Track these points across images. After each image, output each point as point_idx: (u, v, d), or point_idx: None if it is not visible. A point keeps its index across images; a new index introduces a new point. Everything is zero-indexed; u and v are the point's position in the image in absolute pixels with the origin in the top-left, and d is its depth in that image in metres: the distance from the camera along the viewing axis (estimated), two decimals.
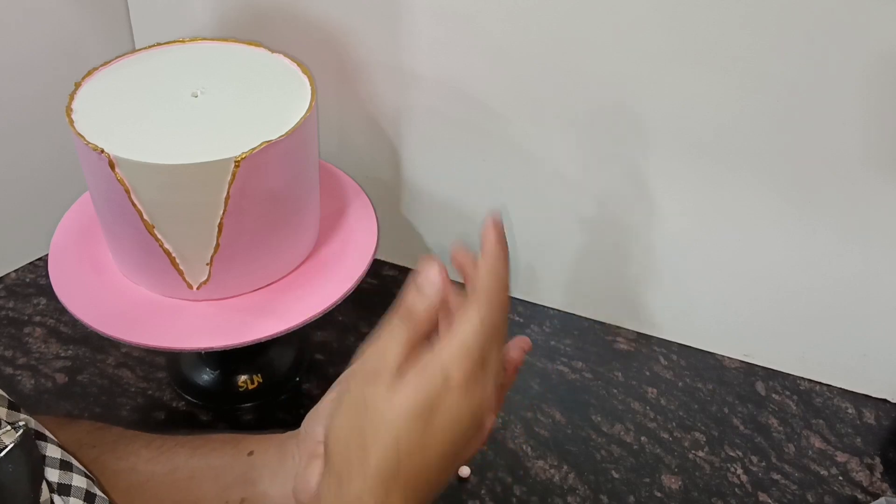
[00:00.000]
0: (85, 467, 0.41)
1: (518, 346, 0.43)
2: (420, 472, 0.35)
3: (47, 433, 0.39)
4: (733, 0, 0.55)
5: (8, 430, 0.36)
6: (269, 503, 0.45)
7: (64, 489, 0.37)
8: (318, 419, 0.46)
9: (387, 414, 0.34)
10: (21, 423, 0.37)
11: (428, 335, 0.36)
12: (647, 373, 0.74)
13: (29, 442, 0.37)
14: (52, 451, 0.38)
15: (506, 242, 0.36)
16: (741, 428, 0.69)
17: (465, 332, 0.35)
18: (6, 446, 0.35)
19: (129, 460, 0.46)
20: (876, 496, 0.64)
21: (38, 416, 0.46)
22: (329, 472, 0.37)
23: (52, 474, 0.37)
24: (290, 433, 0.48)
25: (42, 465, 0.37)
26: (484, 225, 0.36)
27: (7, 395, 0.38)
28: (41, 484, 0.36)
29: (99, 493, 0.39)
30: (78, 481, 0.38)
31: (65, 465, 0.38)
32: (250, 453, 0.46)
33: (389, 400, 0.35)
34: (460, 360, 0.34)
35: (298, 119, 0.53)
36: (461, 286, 0.38)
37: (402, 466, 0.35)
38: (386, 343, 0.36)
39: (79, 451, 0.44)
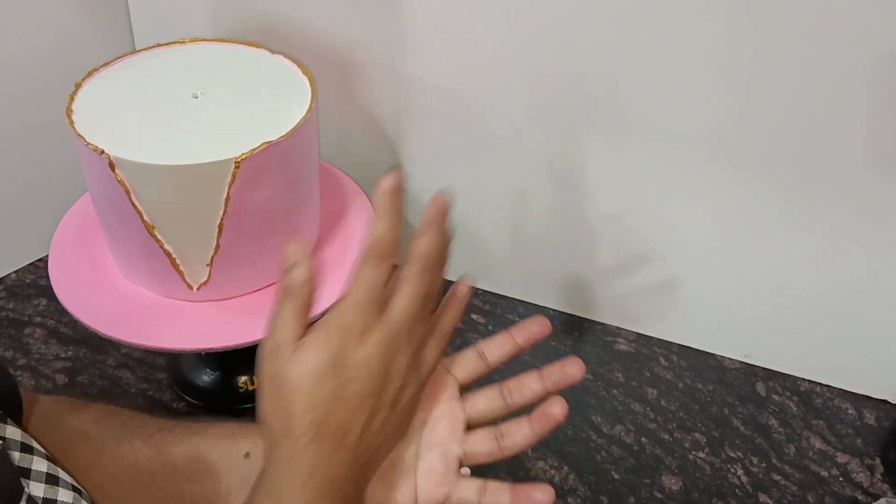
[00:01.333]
0: (86, 461, 0.42)
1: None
2: (346, 421, 0.37)
3: (34, 445, 0.39)
4: (734, 2, 0.55)
5: None
6: None
7: None
8: None
9: (297, 377, 0.37)
10: None
11: (312, 304, 0.39)
12: (648, 374, 0.74)
13: (2, 461, 0.36)
14: (39, 465, 0.38)
15: (397, 201, 0.40)
16: (741, 429, 0.69)
17: (352, 290, 0.38)
18: None
19: (129, 458, 0.46)
20: (876, 497, 0.64)
21: (52, 397, 0.46)
22: (266, 445, 0.38)
23: (37, 489, 0.37)
24: None
25: (19, 483, 0.37)
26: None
27: None
28: (18, 502, 0.36)
29: None
30: (64, 496, 0.38)
31: (51, 479, 0.38)
32: (247, 455, 0.46)
33: (296, 364, 0.37)
34: (351, 312, 0.37)
35: (298, 120, 0.53)
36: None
37: (325, 420, 0.36)
38: (277, 321, 0.39)
39: (83, 443, 0.45)
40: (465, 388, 0.46)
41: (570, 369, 0.44)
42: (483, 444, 0.44)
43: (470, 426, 0.44)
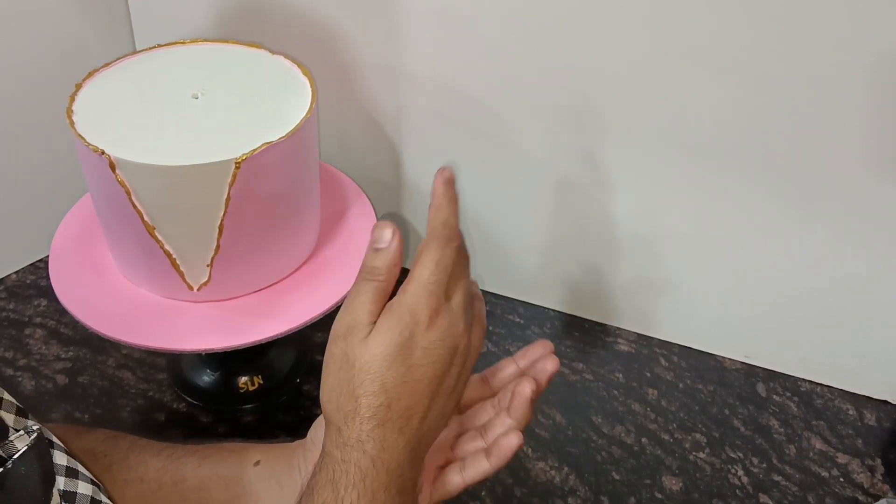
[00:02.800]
0: (96, 476, 0.42)
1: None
2: (411, 406, 0.38)
3: (54, 439, 0.39)
4: (733, 2, 0.55)
5: (21, 435, 0.36)
6: None
7: (69, 496, 0.37)
8: (322, 426, 0.46)
9: (368, 362, 0.37)
10: (35, 427, 0.37)
11: (392, 290, 0.39)
12: (648, 374, 0.73)
13: (41, 446, 0.37)
14: (59, 458, 0.38)
15: (453, 190, 0.40)
16: (742, 429, 0.69)
17: (421, 274, 0.38)
18: (19, 450, 0.36)
19: (138, 470, 0.46)
20: (877, 497, 0.64)
21: (54, 425, 0.46)
22: (329, 427, 0.39)
23: (59, 481, 0.38)
24: (297, 443, 0.48)
25: (53, 469, 0.37)
26: (435, 178, 0.40)
27: (16, 401, 0.38)
28: (52, 487, 0.37)
29: (105, 499, 0.39)
30: (83, 488, 0.38)
31: (70, 472, 0.38)
32: (257, 463, 0.46)
33: (367, 349, 0.38)
34: (421, 297, 0.38)
35: (299, 120, 0.53)
36: None
37: (393, 404, 0.37)
38: (354, 301, 0.39)
39: (92, 461, 0.44)
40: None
41: (543, 364, 0.45)
42: (469, 443, 0.45)
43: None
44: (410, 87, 0.69)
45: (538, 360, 0.46)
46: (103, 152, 0.49)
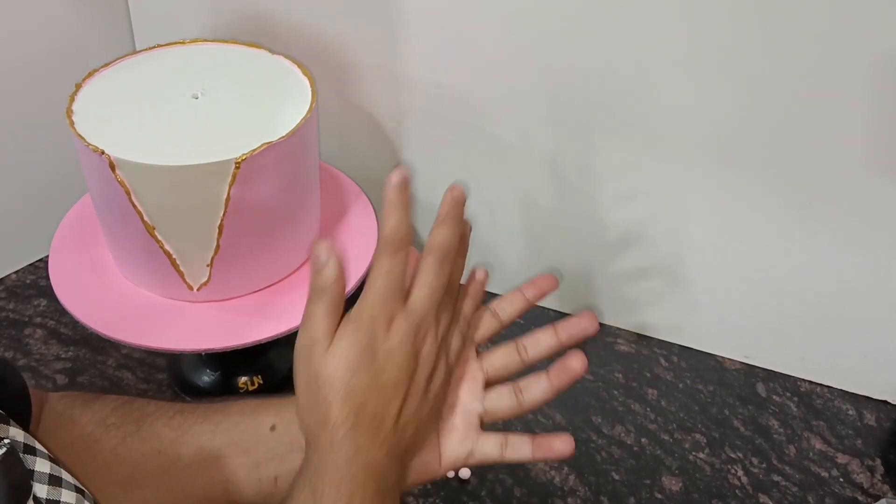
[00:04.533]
0: (111, 450, 0.42)
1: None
2: (380, 410, 0.38)
3: (37, 446, 0.39)
4: (735, 3, 0.55)
5: None
6: None
7: None
8: None
9: (333, 372, 0.38)
10: (6, 442, 0.36)
11: (343, 304, 0.40)
12: (648, 374, 0.73)
13: (11, 459, 0.36)
14: (42, 466, 0.38)
15: (405, 195, 0.40)
16: (742, 429, 0.69)
17: (374, 282, 0.39)
18: None
19: (153, 443, 0.46)
20: (877, 498, 0.64)
21: (61, 394, 0.46)
22: (306, 442, 0.40)
23: (41, 490, 0.37)
24: None
25: (28, 482, 0.37)
26: (386, 184, 0.40)
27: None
28: (27, 500, 0.36)
29: None
30: (67, 496, 0.38)
31: (54, 480, 0.38)
32: (272, 427, 0.47)
33: (330, 360, 0.38)
34: (377, 305, 0.38)
35: (299, 121, 0.53)
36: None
37: (361, 411, 0.38)
38: (308, 322, 0.39)
39: (105, 434, 0.45)
40: (481, 347, 0.47)
41: (584, 322, 0.45)
42: (503, 400, 0.45)
43: (488, 384, 0.45)
44: (410, 88, 0.69)
45: (577, 333, 0.46)
46: (103, 152, 0.49)
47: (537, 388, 0.44)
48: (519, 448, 0.44)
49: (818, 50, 0.55)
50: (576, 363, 0.44)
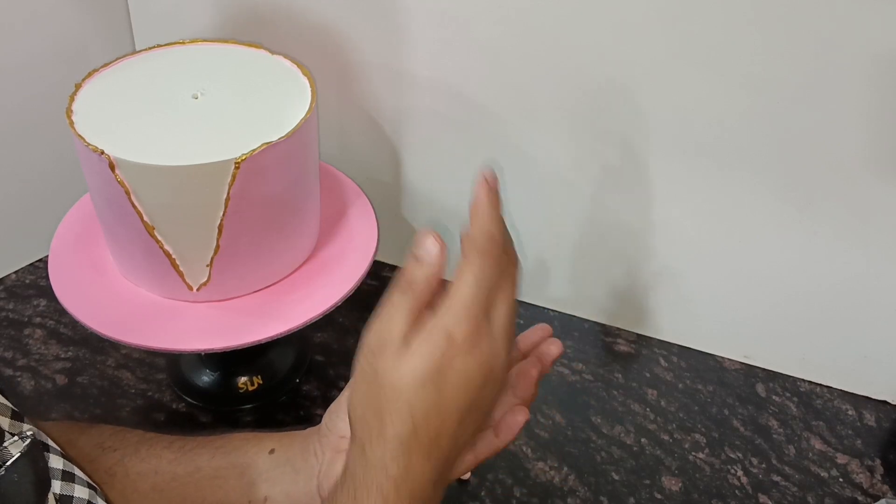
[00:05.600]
0: (107, 470, 0.41)
1: (538, 336, 0.46)
2: (439, 431, 0.36)
3: (50, 443, 0.39)
4: (733, 2, 0.55)
5: (15, 441, 0.36)
6: (292, 501, 0.46)
7: (65, 500, 0.37)
8: (339, 413, 0.46)
9: (397, 384, 0.35)
10: (29, 433, 0.37)
11: (430, 304, 0.37)
12: (648, 374, 0.74)
13: (36, 452, 0.37)
14: (55, 462, 0.38)
15: (497, 198, 0.37)
16: (741, 430, 0.69)
17: (461, 292, 0.36)
18: (13, 456, 0.35)
19: (151, 462, 0.46)
20: (876, 498, 0.64)
21: (55, 423, 0.46)
22: (354, 442, 0.38)
23: (55, 485, 0.37)
24: (311, 429, 0.48)
25: (48, 475, 0.37)
26: (476, 183, 0.36)
27: (11, 405, 0.38)
28: (47, 493, 0.36)
29: (101, 503, 0.39)
30: (80, 492, 0.38)
31: (67, 476, 0.38)
32: (272, 451, 0.47)
33: (398, 368, 0.35)
34: (460, 319, 0.35)
35: (299, 121, 0.53)
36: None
37: (420, 430, 0.35)
38: (390, 314, 0.37)
39: (101, 455, 0.44)
40: None
41: (541, 332, 0.46)
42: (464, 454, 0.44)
43: None
44: (411, 87, 0.69)
45: (540, 342, 0.45)
46: (103, 152, 0.49)
47: (504, 404, 0.44)
48: (484, 440, 0.43)
49: (817, 50, 0.55)
50: (519, 417, 0.42)
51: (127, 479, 0.44)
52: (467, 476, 0.63)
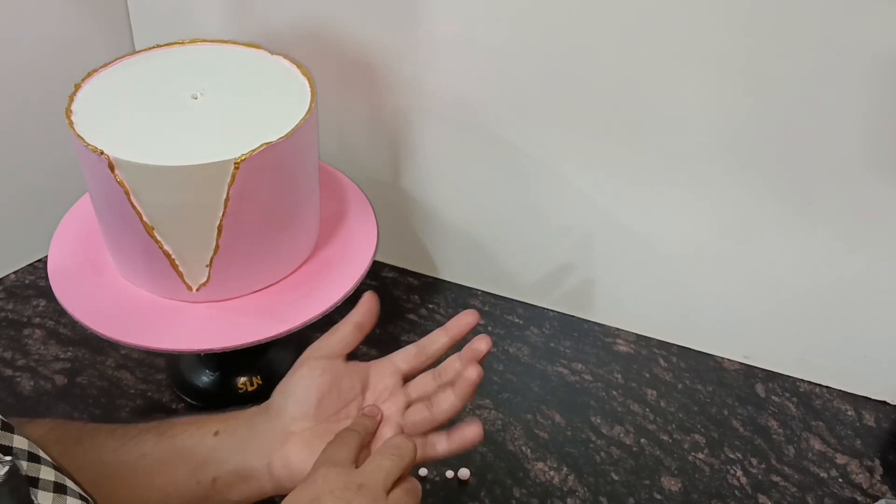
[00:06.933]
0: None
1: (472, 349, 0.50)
2: None
3: (41, 454, 0.39)
4: (734, 4, 0.55)
5: None
6: (242, 478, 0.46)
7: None
8: (287, 394, 0.49)
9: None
10: (8, 460, 0.36)
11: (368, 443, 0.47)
12: (647, 375, 0.74)
13: (15, 479, 0.36)
14: (46, 474, 0.38)
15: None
16: (741, 430, 0.69)
17: (376, 473, 0.43)
18: None
19: (95, 452, 0.46)
20: (876, 498, 0.64)
21: (8, 416, 0.46)
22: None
23: (46, 498, 0.37)
24: (255, 408, 0.49)
25: (30, 500, 0.37)
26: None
27: (1, 417, 0.37)
28: None
29: None
30: None
31: (59, 489, 0.38)
32: (216, 433, 0.47)
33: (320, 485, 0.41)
34: (380, 485, 0.42)
35: (298, 121, 0.53)
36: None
37: None
38: (339, 442, 0.45)
39: (45, 449, 0.44)
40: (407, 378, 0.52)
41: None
42: (418, 413, 0.49)
43: (405, 379, 0.52)
44: (411, 88, 0.69)
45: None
46: (102, 152, 0.49)
47: (445, 401, 0.49)
48: (436, 443, 0.49)
49: (817, 51, 0.55)
50: (472, 373, 0.48)
51: (70, 469, 0.44)
52: (467, 476, 0.63)
